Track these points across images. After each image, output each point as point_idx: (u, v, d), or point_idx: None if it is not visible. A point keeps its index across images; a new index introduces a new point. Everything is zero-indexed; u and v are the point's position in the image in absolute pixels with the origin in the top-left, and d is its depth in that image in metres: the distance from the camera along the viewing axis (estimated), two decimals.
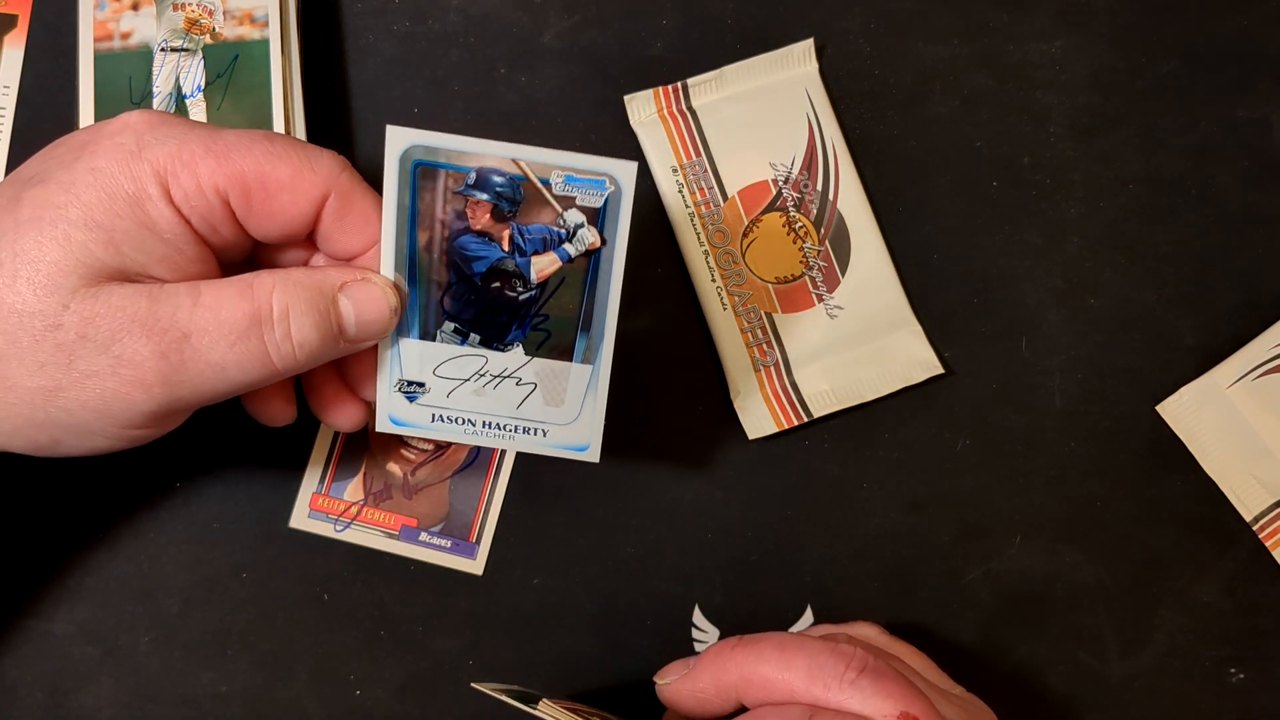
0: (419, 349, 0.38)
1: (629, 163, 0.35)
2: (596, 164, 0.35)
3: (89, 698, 0.44)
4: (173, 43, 0.45)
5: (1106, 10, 0.49)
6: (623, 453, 0.46)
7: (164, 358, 0.33)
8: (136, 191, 0.34)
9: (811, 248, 0.46)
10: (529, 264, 0.37)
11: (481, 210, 0.36)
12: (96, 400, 0.34)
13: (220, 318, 0.34)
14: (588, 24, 0.48)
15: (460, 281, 0.37)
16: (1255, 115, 0.48)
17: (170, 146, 0.34)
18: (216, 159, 0.34)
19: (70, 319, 0.33)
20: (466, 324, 0.38)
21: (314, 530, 0.45)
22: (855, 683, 0.35)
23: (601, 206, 0.36)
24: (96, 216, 0.33)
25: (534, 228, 0.36)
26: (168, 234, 0.34)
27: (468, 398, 0.39)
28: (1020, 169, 0.48)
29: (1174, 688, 0.45)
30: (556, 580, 0.45)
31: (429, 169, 0.35)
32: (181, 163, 0.34)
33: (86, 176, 0.34)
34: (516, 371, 0.39)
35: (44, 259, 0.33)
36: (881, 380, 0.46)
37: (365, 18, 0.48)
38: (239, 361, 0.34)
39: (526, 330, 0.38)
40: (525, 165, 0.35)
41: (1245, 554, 0.46)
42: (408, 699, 0.44)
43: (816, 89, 0.47)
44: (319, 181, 0.35)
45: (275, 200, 0.35)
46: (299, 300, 0.35)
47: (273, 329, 0.35)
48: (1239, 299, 0.47)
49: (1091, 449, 0.46)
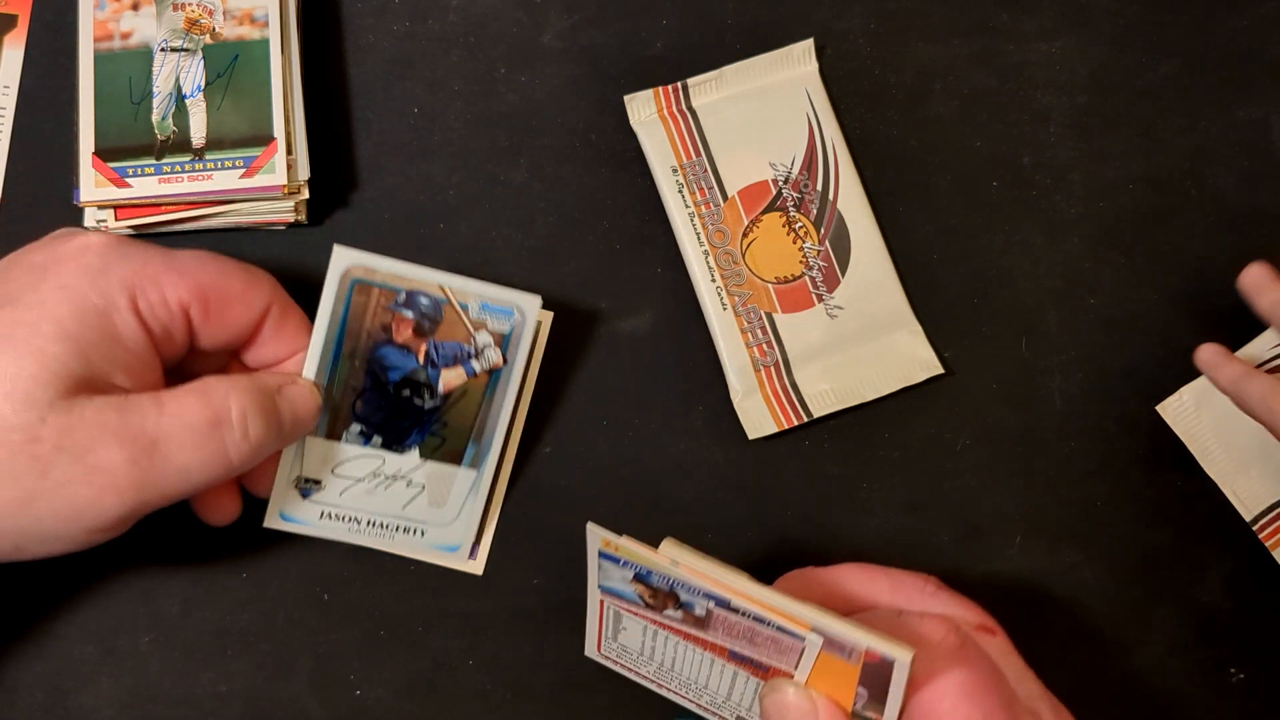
0: (323, 448, 0.42)
1: (534, 297, 0.41)
2: (507, 295, 0.41)
3: (89, 698, 0.43)
4: (173, 43, 0.45)
5: (1106, 10, 0.49)
6: (623, 453, 0.46)
7: (135, 464, 0.35)
8: (105, 304, 0.36)
9: (811, 248, 0.46)
10: (439, 376, 0.41)
11: (405, 325, 0.41)
12: (68, 508, 0.35)
13: (185, 423, 0.36)
14: (588, 24, 0.48)
15: (374, 388, 0.41)
16: (1255, 115, 0.48)
17: (135, 264, 0.37)
18: (178, 275, 0.38)
19: (47, 431, 0.35)
20: (373, 427, 0.42)
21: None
22: (936, 595, 0.38)
23: (508, 333, 0.41)
24: (68, 329, 0.35)
25: (447, 344, 0.41)
26: (131, 344, 0.37)
27: (359, 497, 0.43)
28: (1020, 169, 0.48)
29: (1174, 688, 0.45)
30: (556, 580, 0.45)
31: (364, 285, 0.40)
32: (147, 278, 0.37)
33: (57, 294, 0.36)
34: (409, 473, 0.42)
35: (21, 375, 0.35)
36: (881, 380, 0.46)
37: (365, 18, 0.48)
38: (202, 463, 0.37)
39: (425, 435, 0.42)
40: (449, 291, 0.40)
41: (1245, 554, 0.46)
42: (408, 699, 0.44)
43: (816, 89, 0.47)
44: (263, 294, 0.39)
45: (229, 311, 0.39)
46: (251, 402, 0.38)
47: (232, 430, 0.37)
48: (1239, 299, 0.47)
49: (1091, 449, 0.46)
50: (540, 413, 0.46)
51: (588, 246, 0.47)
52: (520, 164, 0.47)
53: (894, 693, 0.33)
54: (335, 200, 0.47)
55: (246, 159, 0.44)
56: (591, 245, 0.47)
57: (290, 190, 0.45)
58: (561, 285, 0.46)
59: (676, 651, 0.38)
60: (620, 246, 0.47)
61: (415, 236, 0.46)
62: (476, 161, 0.47)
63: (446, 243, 0.46)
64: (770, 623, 0.34)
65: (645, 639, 0.39)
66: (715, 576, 0.34)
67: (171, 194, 0.44)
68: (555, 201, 0.47)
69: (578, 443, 0.46)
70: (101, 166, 0.44)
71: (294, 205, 0.45)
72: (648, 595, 0.36)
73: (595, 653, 0.41)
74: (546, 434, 0.46)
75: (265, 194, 0.44)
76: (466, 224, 0.47)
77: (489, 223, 0.47)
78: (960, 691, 0.33)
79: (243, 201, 0.45)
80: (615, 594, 0.37)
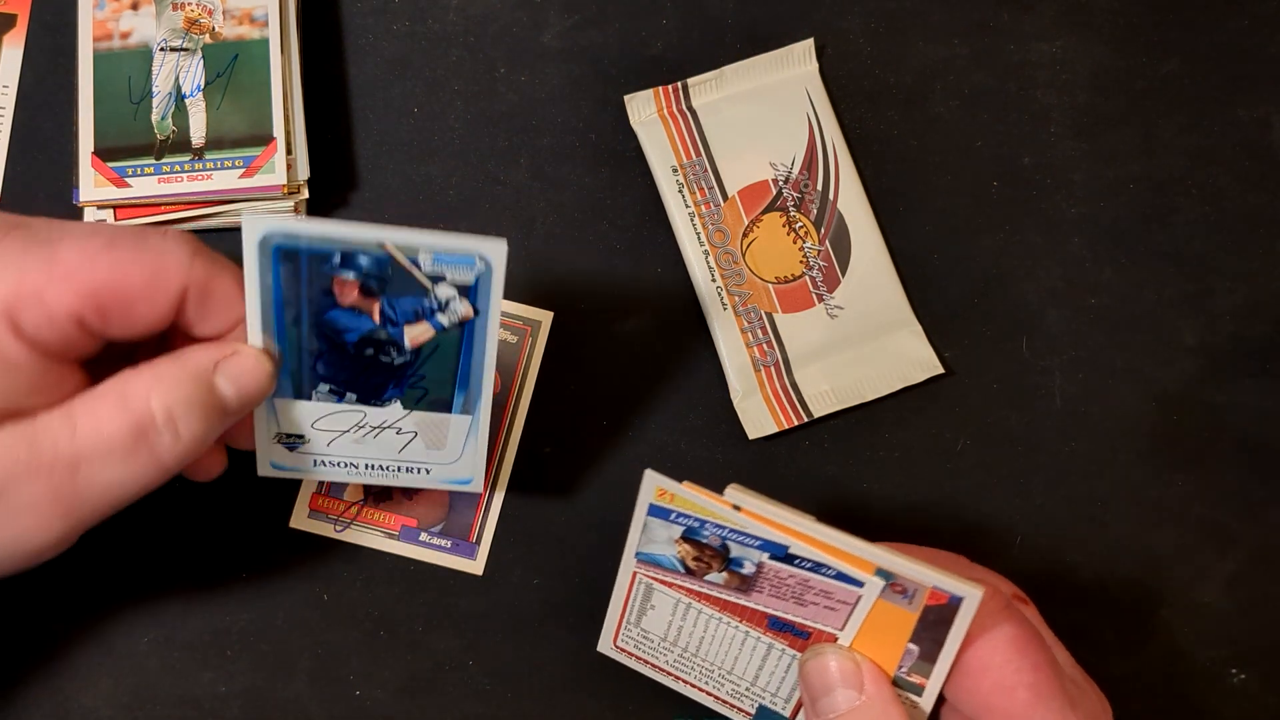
0: (294, 407, 0.39)
1: (499, 240, 0.35)
2: (466, 243, 0.35)
3: (89, 698, 0.43)
4: (172, 42, 0.45)
5: (1106, 10, 0.49)
6: (623, 453, 0.46)
7: (57, 494, 0.33)
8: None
9: (811, 248, 0.46)
10: (402, 333, 0.37)
11: (349, 287, 0.36)
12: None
13: (103, 438, 0.33)
14: (588, 24, 0.48)
15: (332, 350, 0.37)
16: (1255, 115, 0.48)
17: (10, 281, 0.32)
18: (61, 283, 0.32)
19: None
20: (342, 384, 0.38)
21: (314, 530, 0.45)
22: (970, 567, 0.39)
23: (473, 283, 0.36)
24: None
25: (405, 300, 0.36)
26: (25, 368, 0.33)
27: (348, 446, 0.40)
28: (1020, 169, 0.48)
29: (1174, 688, 0.45)
30: (556, 580, 0.45)
31: (289, 252, 0.35)
32: (24, 297, 0.32)
33: None
34: (396, 423, 0.39)
35: None
36: (881, 380, 0.46)
37: (365, 18, 0.48)
38: (134, 475, 0.34)
39: (405, 389, 0.39)
40: (391, 246, 0.35)
41: (1245, 554, 0.46)
42: (408, 699, 0.44)
43: (816, 89, 0.47)
44: (173, 279, 0.34)
45: (132, 310, 0.34)
46: (179, 398, 0.34)
47: (160, 434, 0.33)
48: (1239, 299, 0.47)
49: (1091, 449, 0.46)
50: (540, 413, 0.46)
51: (588, 246, 0.47)
52: (520, 164, 0.47)
53: (954, 635, 0.33)
54: (335, 200, 0.47)
55: (246, 159, 0.44)
56: (591, 245, 0.47)
57: (290, 190, 0.45)
58: (561, 285, 0.46)
59: (705, 630, 0.38)
60: (620, 246, 0.47)
61: None
62: (476, 161, 0.47)
63: None
64: (830, 570, 0.33)
65: (673, 619, 0.38)
66: (780, 519, 0.34)
67: (171, 194, 0.44)
68: (555, 201, 0.47)
69: (578, 443, 0.46)
70: (101, 166, 0.44)
71: (294, 205, 0.45)
72: (691, 557, 0.35)
73: (610, 646, 0.41)
74: (546, 434, 0.46)
75: (265, 194, 0.44)
76: (466, 224, 0.47)
77: (489, 223, 0.47)
78: (1012, 645, 0.34)
79: (242, 201, 0.45)
80: (652, 562, 0.36)
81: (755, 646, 0.37)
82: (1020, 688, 0.33)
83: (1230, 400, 0.47)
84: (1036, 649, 0.34)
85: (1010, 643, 0.34)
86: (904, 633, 0.34)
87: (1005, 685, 0.33)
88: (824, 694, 0.35)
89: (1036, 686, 0.33)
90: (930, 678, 0.34)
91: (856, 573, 0.33)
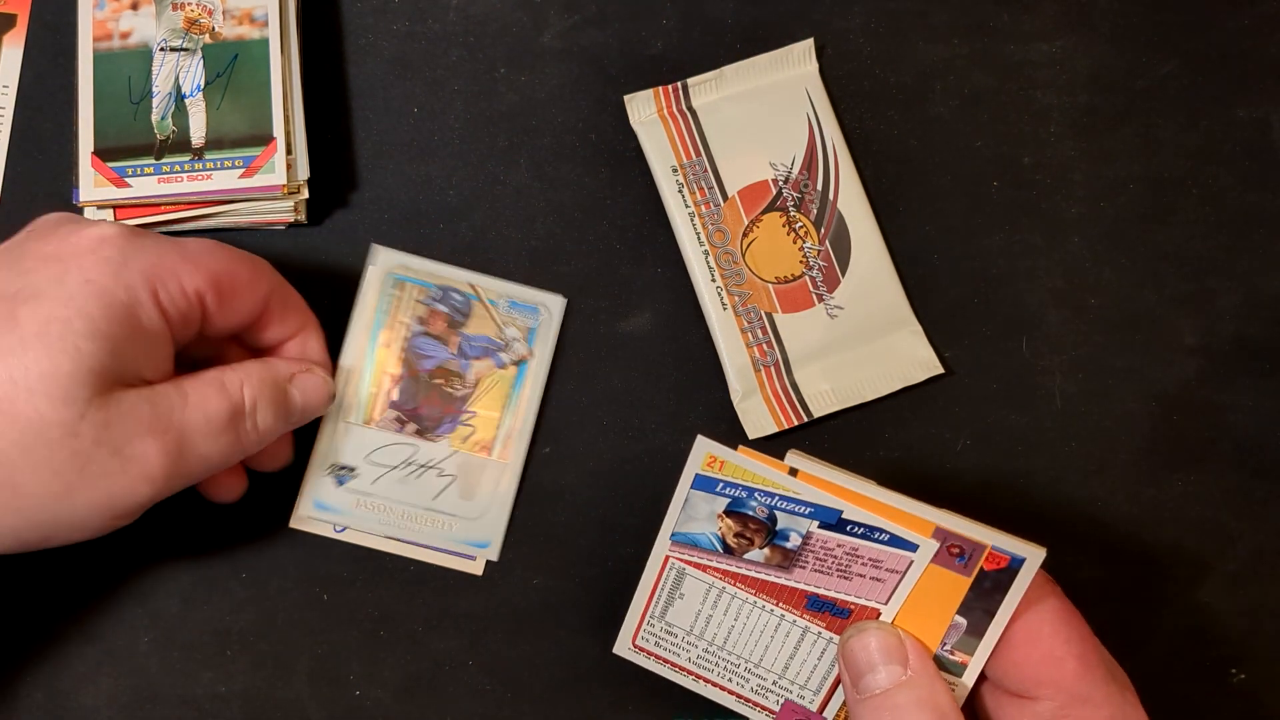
0: (359, 434, 0.44)
1: (559, 297, 0.45)
2: (534, 295, 0.45)
3: (89, 698, 0.43)
4: (172, 42, 0.45)
5: (1106, 10, 0.49)
6: (623, 452, 0.46)
7: (167, 454, 0.37)
8: (130, 299, 0.37)
9: (811, 248, 0.46)
10: (469, 366, 0.44)
11: (438, 319, 0.45)
12: (104, 498, 0.37)
13: (207, 414, 0.38)
14: (588, 24, 0.48)
15: (409, 376, 0.44)
16: (1255, 115, 0.48)
17: (152, 256, 0.38)
18: (193, 264, 0.38)
19: (85, 427, 0.36)
20: (407, 414, 0.44)
21: (314, 530, 0.45)
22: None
23: (533, 327, 0.45)
24: (100, 327, 0.36)
25: (477, 337, 0.45)
26: (155, 336, 0.38)
27: (391, 485, 0.44)
28: (1020, 169, 0.48)
29: (1174, 688, 0.45)
30: (556, 580, 0.45)
31: (401, 281, 0.45)
32: (166, 269, 0.38)
33: (84, 288, 0.36)
34: (441, 463, 0.44)
35: (58, 373, 0.35)
36: (881, 380, 0.46)
37: (365, 18, 0.48)
38: (221, 451, 0.39)
39: (456, 424, 0.44)
40: (479, 289, 0.45)
41: (1245, 554, 0.46)
42: (408, 699, 0.44)
43: (816, 89, 0.47)
44: (267, 280, 0.41)
45: (240, 297, 0.40)
46: (264, 393, 0.40)
47: (244, 420, 0.39)
48: (1239, 299, 0.47)
49: (1091, 449, 0.46)
50: (540, 413, 0.46)
51: (588, 246, 0.47)
52: (520, 164, 0.47)
53: (1010, 599, 0.34)
54: (335, 200, 0.47)
55: (246, 159, 0.44)
56: (591, 245, 0.47)
57: (290, 190, 0.45)
58: (561, 285, 0.46)
59: (737, 618, 0.38)
60: (620, 246, 0.47)
61: (415, 236, 0.46)
62: (476, 161, 0.47)
63: (446, 243, 0.46)
64: (883, 534, 0.33)
65: (702, 608, 0.38)
66: (839, 481, 0.34)
67: (171, 194, 0.44)
68: (555, 201, 0.47)
69: (578, 443, 0.46)
70: (101, 166, 0.44)
71: (293, 205, 0.45)
72: (733, 533, 0.36)
73: (629, 647, 0.41)
74: (546, 434, 0.46)
75: (265, 194, 0.44)
76: (466, 224, 0.47)
77: (489, 223, 0.47)
78: (1058, 616, 0.35)
79: (242, 201, 0.45)
80: (688, 543, 0.36)
81: (790, 632, 0.37)
82: (1069, 658, 0.34)
83: (1230, 400, 0.47)
84: (1080, 621, 0.35)
85: (1056, 614, 0.35)
86: (953, 602, 0.34)
87: (1055, 655, 0.34)
88: (867, 671, 0.35)
89: (1084, 657, 0.34)
90: (975, 653, 0.34)
91: (913, 536, 0.33)
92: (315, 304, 0.45)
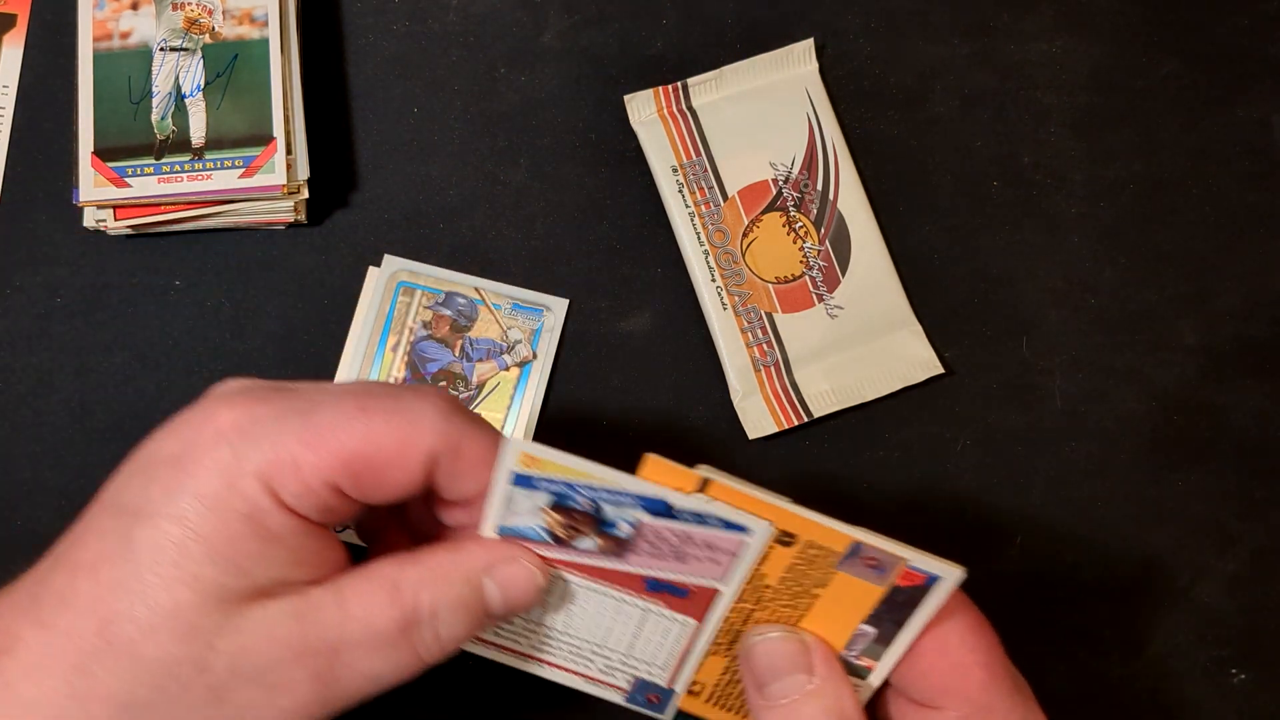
0: None
1: (562, 299, 0.46)
2: (537, 297, 0.46)
3: None
4: (172, 42, 0.45)
5: (1106, 10, 0.49)
6: (623, 452, 0.46)
7: (318, 679, 0.32)
8: (250, 509, 0.31)
9: (811, 248, 0.46)
10: (473, 369, 0.45)
11: (443, 322, 0.45)
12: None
13: (371, 628, 0.32)
14: (588, 24, 0.48)
15: (414, 380, 0.45)
16: (1255, 115, 0.48)
17: (266, 450, 0.32)
18: (316, 451, 0.32)
19: (217, 659, 0.31)
20: None
21: None
22: None
23: (537, 330, 0.46)
24: (219, 549, 0.31)
25: (482, 340, 0.45)
26: (291, 540, 0.32)
27: None
28: (1020, 169, 0.48)
29: (1174, 688, 0.45)
30: None
31: (409, 288, 0.46)
32: (284, 466, 0.32)
33: (195, 505, 0.31)
34: None
35: (179, 604, 0.31)
36: (881, 380, 0.46)
37: (365, 18, 0.48)
38: (390, 668, 0.33)
39: None
40: (484, 293, 0.46)
41: (1245, 554, 0.46)
42: (407, 699, 0.44)
43: (816, 89, 0.47)
44: (424, 444, 0.33)
45: (385, 476, 0.33)
46: (447, 598, 0.33)
47: (421, 631, 0.33)
48: (1239, 299, 0.47)
49: (1091, 449, 0.46)
50: (540, 412, 0.45)
51: (588, 246, 0.47)
52: (520, 164, 0.47)
53: (922, 614, 0.33)
54: (335, 200, 0.47)
55: (246, 159, 0.44)
56: (591, 245, 0.47)
57: (290, 190, 0.45)
58: (561, 285, 0.46)
59: (573, 602, 0.36)
60: (620, 246, 0.47)
61: (415, 236, 0.46)
62: (476, 161, 0.47)
63: (446, 242, 0.46)
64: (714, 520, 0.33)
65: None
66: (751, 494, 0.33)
67: (171, 194, 0.44)
68: (555, 201, 0.47)
69: (577, 442, 0.46)
70: (101, 166, 0.44)
71: (293, 205, 0.45)
72: (560, 525, 0.33)
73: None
74: (546, 434, 0.46)
75: (265, 194, 0.44)
76: (466, 224, 0.47)
77: (489, 223, 0.47)
78: (968, 628, 0.34)
79: (242, 201, 0.45)
80: (515, 535, 0.34)
81: (630, 613, 0.35)
82: (976, 668, 0.34)
83: (1230, 400, 0.47)
84: (990, 633, 0.35)
85: (966, 626, 0.34)
86: (862, 610, 0.34)
87: (962, 666, 0.34)
88: (772, 679, 0.35)
89: (990, 667, 0.34)
90: (881, 660, 0.34)
91: (746, 519, 0.33)
92: (315, 305, 0.45)
